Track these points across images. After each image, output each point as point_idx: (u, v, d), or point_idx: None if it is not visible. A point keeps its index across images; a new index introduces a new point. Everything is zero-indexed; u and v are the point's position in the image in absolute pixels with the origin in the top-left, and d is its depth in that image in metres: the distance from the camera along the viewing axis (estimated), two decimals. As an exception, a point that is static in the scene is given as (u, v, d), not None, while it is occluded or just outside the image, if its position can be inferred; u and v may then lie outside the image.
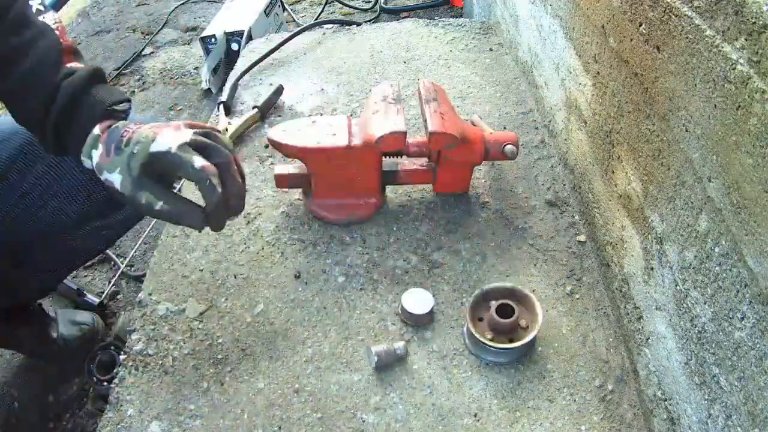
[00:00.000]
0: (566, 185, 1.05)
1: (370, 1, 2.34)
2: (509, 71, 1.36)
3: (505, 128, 1.18)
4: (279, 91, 1.28)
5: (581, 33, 0.91)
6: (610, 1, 0.78)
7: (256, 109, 1.23)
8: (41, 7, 0.72)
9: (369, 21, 2.16)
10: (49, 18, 0.72)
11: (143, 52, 2.29)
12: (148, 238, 1.47)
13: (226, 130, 1.17)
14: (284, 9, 2.30)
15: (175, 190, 0.68)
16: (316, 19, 2.28)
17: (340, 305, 0.87)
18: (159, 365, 0.81)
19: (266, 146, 1.16)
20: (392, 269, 0.91)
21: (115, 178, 0.64)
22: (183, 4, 2.63)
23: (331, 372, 0.79)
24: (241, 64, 1.45)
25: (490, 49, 1.44)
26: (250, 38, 1.85)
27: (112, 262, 1.42)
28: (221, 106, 1.26)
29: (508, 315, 0.77)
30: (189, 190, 1.05)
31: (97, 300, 1.32)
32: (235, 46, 1.91)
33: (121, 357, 0.83)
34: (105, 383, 1.11)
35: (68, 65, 0.69)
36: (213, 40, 1.91)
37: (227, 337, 0.84)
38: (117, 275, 1.38)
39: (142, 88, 2.09)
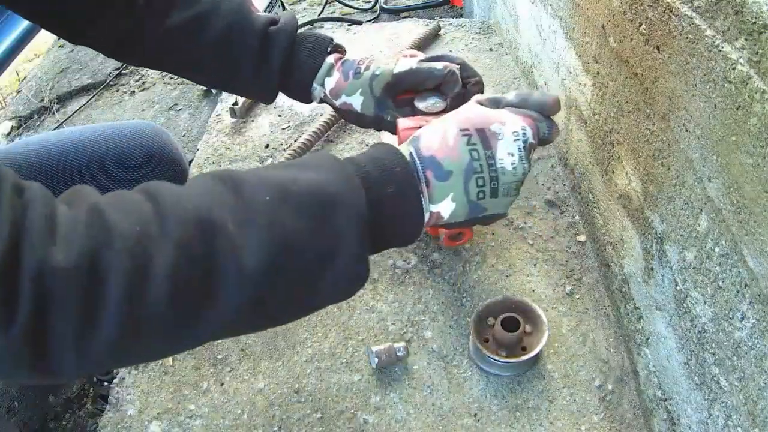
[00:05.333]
0: (566, 185, 1.05)
1: (370, 1, 2.33)
2: (509, 71, 1.36)
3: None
4: None
5: (581, 33, 0.91)
6: (610, 1, 0.78)
7: None
8: None
9: (369, 21, 2.15)
10: None
11: (143, 52, 2.29)
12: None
13: None
14: (284, 9, 2.30)
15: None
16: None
17: (340, 305, 0.87)
18: (159, 365, 0.81)
19: (266, 146, 1.16)
20: (392, 269, 0.91)
21: (355, 100, 0.73)
22: (183, 4, 2.63)
23: (331, 372, 0.79)
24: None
25: (490, 49, 1.44)
26: (250, 38, 1.85)
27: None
28: None
29: (515, 328, 0.77)
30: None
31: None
32: (235, 46, 1.91)
33: (121, 357, 0.83)
34: (105, 383, 1.11)
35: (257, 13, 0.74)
36: (213, 39, 1.91)
37: (227, 337, 0.84)
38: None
39: (142, 88, 2.08)
